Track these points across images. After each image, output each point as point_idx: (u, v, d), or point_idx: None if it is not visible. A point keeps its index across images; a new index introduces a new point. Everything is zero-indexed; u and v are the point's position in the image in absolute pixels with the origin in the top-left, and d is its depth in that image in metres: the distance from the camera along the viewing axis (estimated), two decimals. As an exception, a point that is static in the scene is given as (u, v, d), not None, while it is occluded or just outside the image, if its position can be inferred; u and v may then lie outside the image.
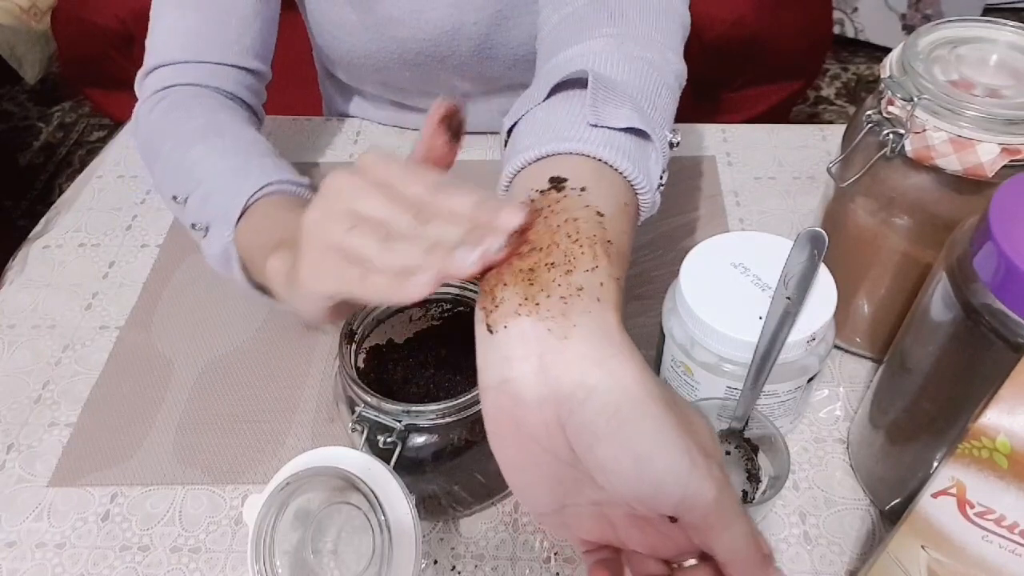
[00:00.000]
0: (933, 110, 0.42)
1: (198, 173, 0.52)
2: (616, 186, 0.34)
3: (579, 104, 0.36)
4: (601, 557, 0.32)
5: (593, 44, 0.43)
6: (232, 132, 0.56)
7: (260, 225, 0.48)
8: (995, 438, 0.29)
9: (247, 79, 0.61)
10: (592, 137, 0.35)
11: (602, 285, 0.29)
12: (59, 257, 0.70)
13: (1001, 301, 0.34)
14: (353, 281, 0.31)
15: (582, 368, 0.27)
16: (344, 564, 0.39)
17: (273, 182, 0.50)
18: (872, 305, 0.53)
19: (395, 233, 0.31)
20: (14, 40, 1.81)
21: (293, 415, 0.56)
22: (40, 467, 0.55)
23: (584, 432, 0.27)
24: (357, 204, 0.32)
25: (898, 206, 0.47)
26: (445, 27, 0.66)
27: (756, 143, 0.76)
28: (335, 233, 0.32)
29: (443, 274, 0.30)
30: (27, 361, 0.61)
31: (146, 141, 0.58)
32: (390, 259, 0.31)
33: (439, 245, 0.30)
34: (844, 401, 0.55)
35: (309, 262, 0.34)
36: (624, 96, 0.37)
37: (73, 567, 0.49)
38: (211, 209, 0.50)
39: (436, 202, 0.32)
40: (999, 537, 0.32)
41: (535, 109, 0.38)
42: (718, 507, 0.27)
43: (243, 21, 0.60)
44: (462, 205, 0.31)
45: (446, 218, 0.31)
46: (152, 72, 0.59)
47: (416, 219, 0.31)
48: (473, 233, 0.30)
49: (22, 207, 1.89)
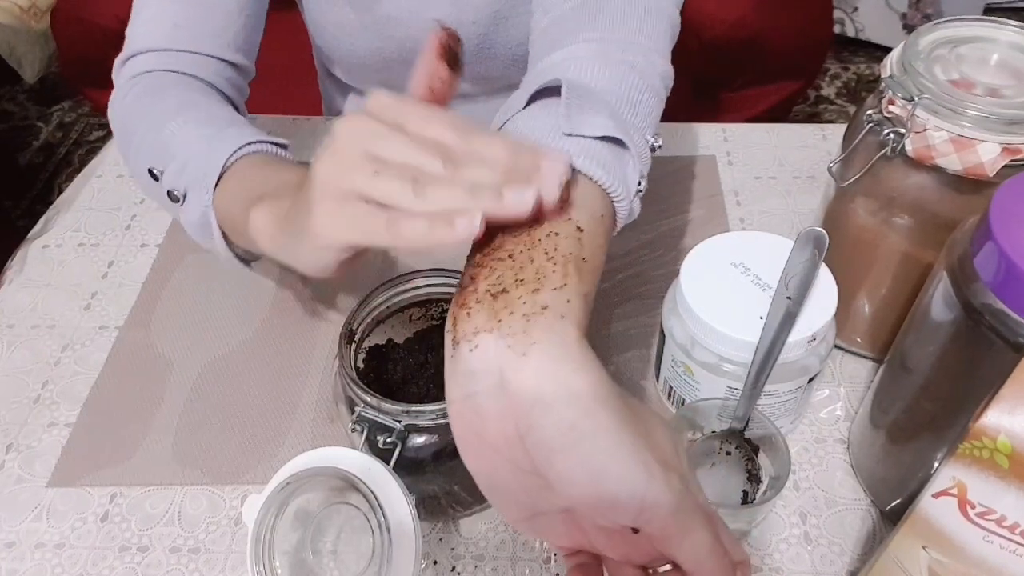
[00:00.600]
0: (934, 110, 0.42)
1: (173, 146, 0.50)
2: (591, 197, 0.34)
3: (555, 113, 0.36)
4: (580, 561, 0.32)
5: (575, 49, 0.43)
6: (207, 106, 0.54)
7: (239, 187, 0.46)
8: (996, 438, 0.29)
9: (228, 71, 0.60)
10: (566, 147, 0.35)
11: (568, 302, 0.29)
12: (58, 257, 0.70)
13: (1002, 301, 0.34)
14: (382, 228, 0.30)
15: (539, 384, 0.28)
16: (344, 564, 0.39)
17: (251, 142, 0.48)
18: (873, 305, 0.53)
19: (426, 177, 0.30)
20: (14, 40, 1.81)
21: (293, 415, 0.56)
22: (39, 467, 0.54)
23: (542, 446, 0.28)
24: (376, 148, 0.30)
25: (899, 206, 0.47)
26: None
27: (756, 143, 0.76)
28: (356, 179, 0.30)
29: (495, 213, 0.29)
30: (26, 361, 0.61)
31: (121, 125, 0.56)
32: (425, 203, 0.29)
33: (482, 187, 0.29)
34: (845, 401, 0.55)
35: (325, 211, 0.32)
36: (601, 103, 0.37)
37: (72, 567, 0.49)
38: (188, 175, 0.48)
39: (466, 146, 0.30)
40: (1000, 537, 0.32)
41: (515, 117, 0.38)
42: (676, 518, 0.28)
43: (227, 15, 0.59)
44: (496, 150, 0.30)
45: (480, 163, 0.30)
46: (130, 59, 0.58)
47: (446, 163, 0.30)
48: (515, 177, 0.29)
49: (21, 207, 1.89)
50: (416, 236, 0.29)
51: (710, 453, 0.49)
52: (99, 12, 1.38)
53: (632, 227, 0.40)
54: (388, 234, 0.30)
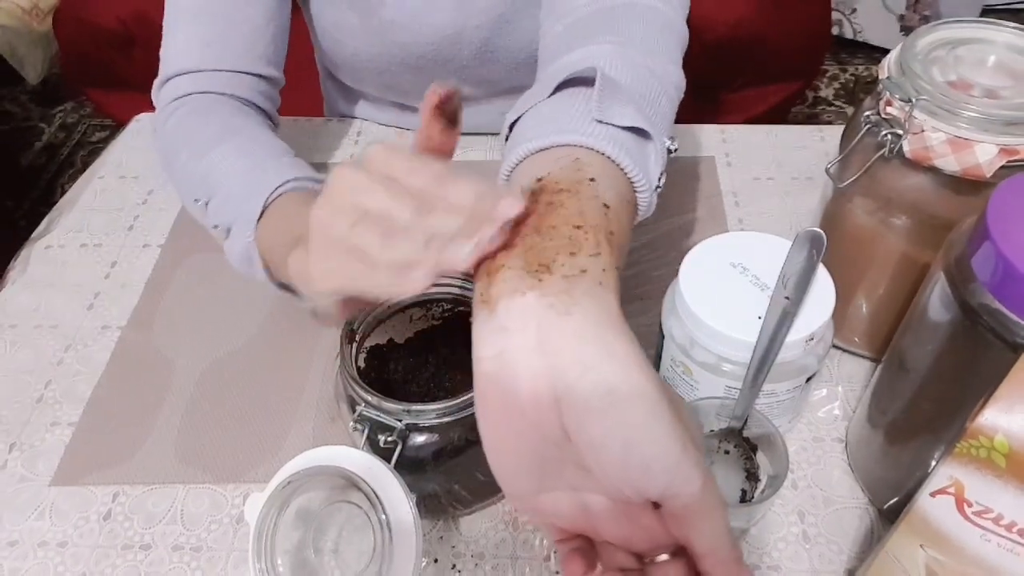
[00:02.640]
0: (931, 111, 0.42)
1: (216, 176, 0.52)
2: (619, 181, 0.35)
3: (584, 100, 0.36)
4: (575, 546, 0.32)
5: (597, 49, 0.43)
6: (247, 133, 0.56)
7: (279, 224, 0.49)
8: (993, 437, 0.30)
9: (262, 85, 0.62)
10: (597, 132, 0.35)
11: (604, 271, 0.29)
12: (61, 257, 0.70)
13: (999, 301, 0.34)
14: (358, 277, 0.32)
15: (581, 344, 0.27)
16: (345, 563, 0.39)
17: (290, 179, 0.50)
18: (870, 305, 0.53)
19: (397, 226, 0.31)
20: (16, 41, 1.81)
21: (294, 414, 0.57)
22: (42, 466, 0.55)
23: (577, 408, 0.27)
24: (361, 198, 0.32)
25: (896, 206, 0.47)
26: (447, 31, 0.66)
27: (755, 144, 0.76)
28: (340, 228, 0.32)
29: (439, 267, 0.30)
30: (29, 361, 0.62)
31: (164, 150, 0.58)
32: (390, 254, 0.31)
33: (436, 237, 0.30)
34: (843, 400, 0.55)
35: (317, 259, 0.34)
36: (628, 96, 0.38)
37: (75, 566, 0.49)
38: (231, 211, 0.51)
39: (438, 193, 0.31)
40: (997, 536, 0.32)
41: (539, 104, 0.38)
42: (703, 497, 0.28)
43: (257, 29, 0.60)
44: (463, 196, 0.31)
45: (446, 209, 0.31)
46: (168, 82, 0.60)
47: (418, 211, 0.31)
48: (470, 224, 0.30)
49: (24, 208, 1.89)
50: (380, 288, 0.31)
51: (709, 452, 0.49)
52: (101, 13, 1.38)
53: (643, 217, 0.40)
54: (360, 283, 0.32)
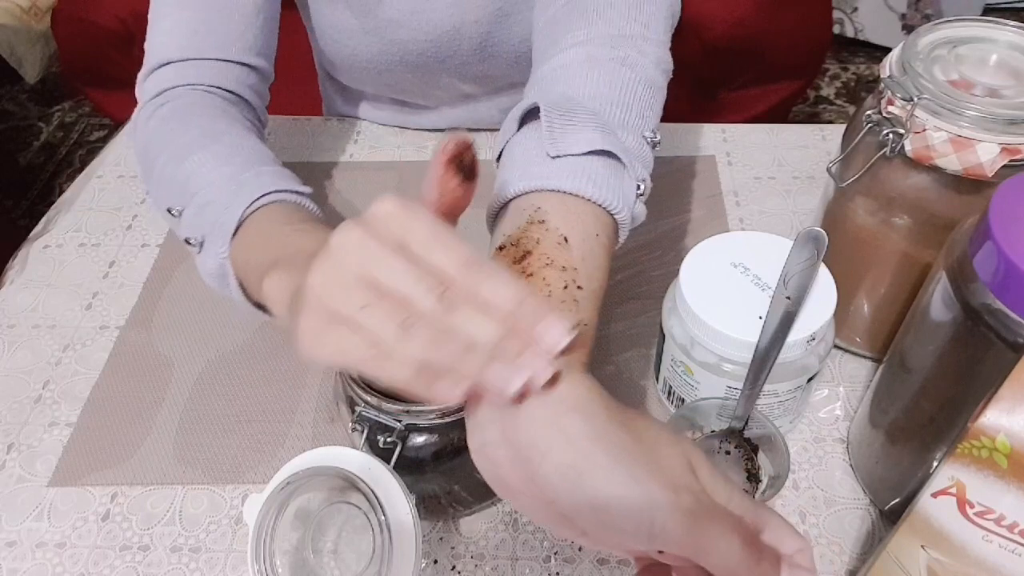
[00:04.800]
0: (933, 110, 0.42)
1: (193, 185, 0.49)
2: (586, 216, 0.34)
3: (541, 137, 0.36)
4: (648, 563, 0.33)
5: (563, 57, 0.43)
6: (230, 139, 0.53)
7: (255, 241, 0.45)
8: (995, 438, 0.29)
9: (250, 77, 0.60)
10: (553, 170, 0.35)
11: None
12: (59, 257, 0.70)
13: (1001, 301, 0.34)
14: (364, 361, 0.28)
15: (535, 431, 0.28)
16: (344, 564, 0.39)
17: (270, 192, 0.47)
18: (872, 305, 0.53)
19: (416, 314, 0.28)
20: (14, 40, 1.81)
21: (293, 415, 0.56)
22: (40, 467, 0.55)
23: (547, 488, 0.28)
24: (372, 270, 0.28)
25: (898, 206, 0.47)
26: (446, 27, 0.66)
27: (756, 143, 0.76)
28: (346, 306, 0.28)
29: (478, 387, 0.28)
30: (27, 361, 0.61)
31: (143, 150, 0.55)
32: (412, 349, 0.28)
33: (474, 349, 0.28)
34: (844, 401, 0.55)
35: (311, 328, 0.30)
36: (585, 116, 0.38)
37: (73, 567, 0.49)
38: (205, 223, 0.47)
39: (467, 283, 0.28)
40: (999, 537, 0.32)
41: (513, 139, 0.39)
42: (691, 537, 0.28)
43: (245, 18, 0.59)
44: (499, 296, 0.28)
45: (478, 308, 0.28)
46: (153, 73, 0.57)
47: (441, 300, 0.28)
48: (511, 341, 0.28)
49: (22, 207, 1.89)
50: (400, 382, 0.28)
51: (709, 452, 0.49)
52: (100, 12, 1.38)
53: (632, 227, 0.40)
54: (371, 369, 0.29)
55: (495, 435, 0.29)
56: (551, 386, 0.29)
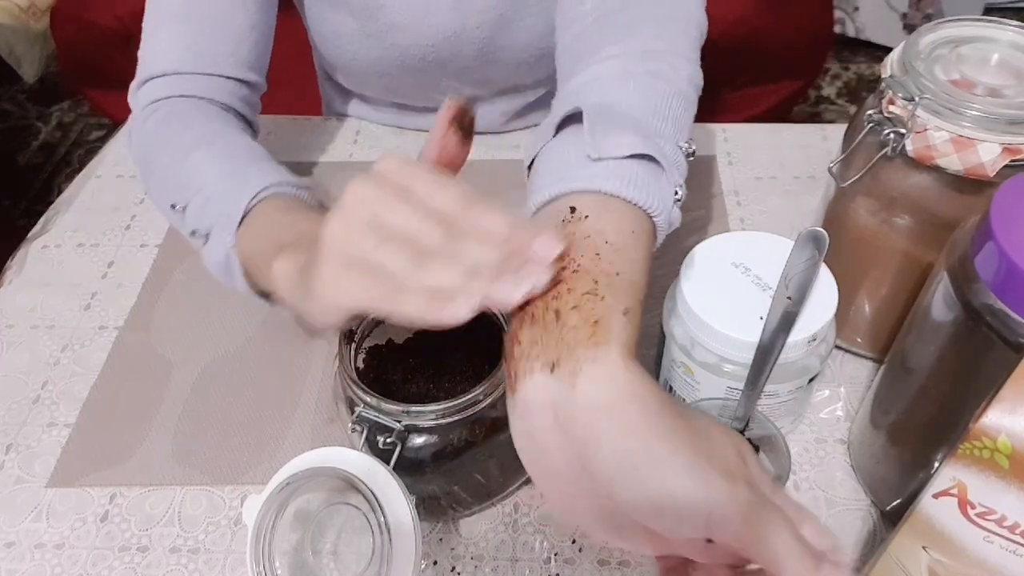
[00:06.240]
0: (934, 109, 0.42)
1: (196, 181, 0.51)
2: (624, 215, 0.35)
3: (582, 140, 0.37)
4: (670, 565, 0.33)
5: (598, 69, 0.43)
6: (227, 138, 0.55)
7: (261, 229, 0.47)
8: (996, 438, 0.29)
9: (242, 91, 0.60)
10: (595, 172, 0.35)
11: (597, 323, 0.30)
12: (58, 257, 0.70)
13: (1002, 301, 0.34)
14: (383, 298, 0.31)
15: (591, 418, 0.28)
16: (344, 565, 0.39)
17: (272, 184, 0.49)
18: (873, 305, 0.53)
19: (426, 249, 0.31)
20: (13, 39, 1.81)
21: (292, 415, 0.56)
22: (39, 467, 0.54)
23: (602, 477, 0.28)
24: (381, 215, 0.32)
25: (899, 206, 0.47)
26: (447, 32, 0.66)
27: (757, 143, 0.76)
28: (360, 246, 0.32)
29: (486, 302, 0.30)
30: (26, 361, 0.61)
31: (142, 152, 0.57)
32: (424, 277, 0.31)
33: (480, 270, 0.30)
34: (845, 401, 0.55)
35: (330, 274, 0.33)
36: (626, 121, 0.38)
37: (72, 568, 0.49)
38: (211, 215, 0.49)
39: (467, 218, 0.32)
40: (1000, 538, 0.32)
41: (546, 147, 0.39)
42: (748, 525, 0.28)
43: (238, 33, 0.59)
44: (495, 225, 0.31)
45: (479, 237, 0.31)
46: (146, 83, 0.58)
47: (447, 235, 0.31)
48: (512, 259, 0.30)
49: (21, 207, 1.89)
50: (413, 311, 0.30)
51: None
52: (98, 12, 1.38)
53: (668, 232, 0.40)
54: (386, 304, 0.31)
55: (547, 421, 0.29)
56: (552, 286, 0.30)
